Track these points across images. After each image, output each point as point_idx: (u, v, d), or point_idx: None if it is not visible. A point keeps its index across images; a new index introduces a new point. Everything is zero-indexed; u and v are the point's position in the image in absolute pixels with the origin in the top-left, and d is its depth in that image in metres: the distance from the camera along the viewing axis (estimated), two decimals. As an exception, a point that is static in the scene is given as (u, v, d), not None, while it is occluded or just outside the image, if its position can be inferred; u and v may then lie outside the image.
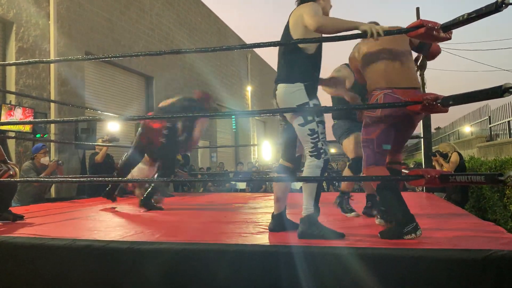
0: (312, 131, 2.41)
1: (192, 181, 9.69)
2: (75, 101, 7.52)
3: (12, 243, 2.30)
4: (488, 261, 1.71)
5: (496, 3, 1.89)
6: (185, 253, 2.05)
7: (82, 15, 8.06)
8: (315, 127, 2.42)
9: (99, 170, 5.93)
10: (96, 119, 5.71)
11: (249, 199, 5.00)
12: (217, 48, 2.76)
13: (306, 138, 2.43)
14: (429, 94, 2.16)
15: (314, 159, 2.42)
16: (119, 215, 3.66)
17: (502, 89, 1.89)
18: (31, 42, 6.85)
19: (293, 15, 2.50)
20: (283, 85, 2.50)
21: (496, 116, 11.83)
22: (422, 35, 2.15)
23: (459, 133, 16.49)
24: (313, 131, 2.41)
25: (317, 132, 2.42)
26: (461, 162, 5.76)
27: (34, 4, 6.94)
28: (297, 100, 2.43)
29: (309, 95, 2.43)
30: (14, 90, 6.34)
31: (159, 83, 10.96)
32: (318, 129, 2.43)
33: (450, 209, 3.60)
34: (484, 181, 1.98)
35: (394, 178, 2.38)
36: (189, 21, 13.09)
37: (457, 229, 2.52)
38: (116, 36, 9.09)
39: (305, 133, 2.43)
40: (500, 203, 5.07)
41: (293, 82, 2.45)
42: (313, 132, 2.41)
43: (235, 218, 3.34)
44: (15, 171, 3.14)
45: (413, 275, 1.79)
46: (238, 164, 12.26)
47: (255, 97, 19.07)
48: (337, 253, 1.90)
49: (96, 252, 2.15)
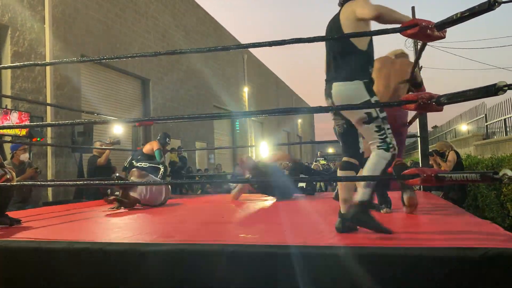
0: (378, 127, 2.41)
1: (190, 183, 9.68)
2: (71, 104, 7.52)
3: (9, 247, 2.30)
4: (485, 259, 1.71)
5: (489, 2, 1.90)
6: (183, 254, 2.05)
7: (77, 18, 8.05)
8: (381, 123, 2.41)
9: (99, 174, 5.92)
10: (93, 122, 5.69)
11: (247, 200, 5.00)
12: (213, 48, 2.75)
13: (373, 135, 2.42)
14: (424, 93, 2.17)
15: (382, 151, 2.40)
16: (116, 217, 3.66)
17: (496, 88, 1.90)
18: (26, 46, 6.84)
19: (343, 13, 2.48)
20: (341, 84, 2.45)
21: (492, 114, 11.89)
22: (416, 34, 2.16)
23: (455, 131, 16.55)
24: (379, 128, 2.41)
25: (384, 128, 2.42)
26: (458, 161, 5.78)
27: (29, 8, 6.93)
28: (359, 98, 2.39)
29: (369, 92, 2.41)
30: (10, 94, 6.33)
31: (156, 86, 10.96)
32: (384, 126, 2.42)
33: (446, 208, 3.61)
34: (480, 179, 1.98)
35: (391, 178, 2.38)
36: (185, 23, 13.09)
37: (454, 227, 2.53)
38: (112, 39, 9.09)
39: (372, 130, 2.42)
40: (496, 201, 5.09)
41: (352, 80, 2.41)
42: (380, 128, 2.41)
43: (232, 219, 3.34)
44: (12, 175, 3.14)
45: (410, 274, 1.80)
46: (235, 165, 12.26)
47: (252, 98, 19.09)
48: (335, 253, 1.90)
49: (94, 255, 2.14)
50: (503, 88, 1.89)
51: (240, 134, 17.32)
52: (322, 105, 2.56)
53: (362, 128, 2.45)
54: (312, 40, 2.44)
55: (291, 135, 26.80)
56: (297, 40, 2.44)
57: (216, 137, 15.19)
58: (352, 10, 2.41)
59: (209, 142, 14.09)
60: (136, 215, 3.77)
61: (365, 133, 2.48)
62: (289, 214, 3.60)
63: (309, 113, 17.69)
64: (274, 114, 2.71)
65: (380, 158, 2.39)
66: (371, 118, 2.40)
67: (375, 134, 2.41)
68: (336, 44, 2.53)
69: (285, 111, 2.79)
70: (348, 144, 2.64)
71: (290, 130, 26.56)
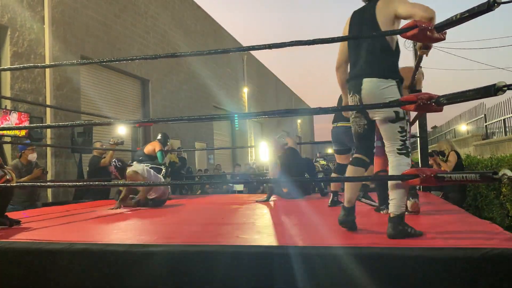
0: (402, 128, 2.38)
1: (190, 183, 9.68)
2: (70, 105, 7.51)
3: (9, 248, 2.29)
4: (485, 259, 1.71)
5: (488, 3, 1.91)
6: (183, 255, 2.05)
7: (77, 19, 8.05)
8: (405, 125, 2.39)
9: (99, 175, 5.92)
10: (93, 124, 5.69)
11: (246, 201, 5.00)
12: (213, 51, 2.76)
13: (396, 135, 2.38)
14: (423, 94, 2.17)
15: (404, 156, 2.37)
16: (116, 218, 3.66)
17: (495, 88, 1.90)
18: (26, 47, 6.84)
19: (381, 10, 2.41)
20: (373, 80, 2.39)
21: (491, 115, 11.90)
22: (416, 35, 2.16)
23: (455, 131, 16.56)
24: (403, 129, 2.38)
25: (406, 130, 2.39)
26: (458, 161, 5.78)
27: (28, 9, 6.93)
28: (390, 96, 2.34)
29: (400, 92, 2.38)
30: (9, 95, 6.33)
31: (155, 86, 10.95)
32: (407, 128, 2.39)
33: (446, 208, 3.61)
34: (479, 179, 1.99)
35: (390, 178, 2.39)
36: (185, 24, 13.09)
37: (454, 227, 2.54)
38: (112, 39, 9.09)
39: (395, 130, 2.38)
40: (496, 201, 5.09)
41: (386, 77, 2.37)
42: (403, 130, 2.38)
43: (232, 220, 3.34)
44: (11, 176, 3.13)
45: (410, 274, 1.80)
46: (235, 166, 12.26)
47: (252, 98, 19.09)
48: (335, 253, 1.90)
49: (93, 256, 2.14)
50: (503, 88, 1.90)
51: (240, 134, 17.32)
52: (322, 106, 2.57)
53: (386, 126, 2.41)
54: (311, 43, 2.45)
55: (290, 136, 26.78)
56: (297, 42, 2.45)
57: (216, 137, 15.19)
58: (394, 9, 2.36)
59: (209, 143, 14.08)
60: (136, 216, 3.77)
61: (387, 132, 2.43)
62: (290, 214, 3.60)
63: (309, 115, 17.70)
64: (274, 116, 2.71)
65: (404, 166, 2.34)
66: (398, 117, 2.36)
67: (398, 134, 2.38)
68: (367, 41, 2.45)
69: (286, 113, 2.79)
70: (364, 145, 2.60)
71: (289, 130, 26.57)
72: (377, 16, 2.41)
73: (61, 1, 7.64)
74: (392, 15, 2.37)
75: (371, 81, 2.39)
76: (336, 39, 2.48)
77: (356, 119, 2.56)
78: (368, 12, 2.47)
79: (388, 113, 2.37)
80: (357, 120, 2.56)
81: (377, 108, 2.37)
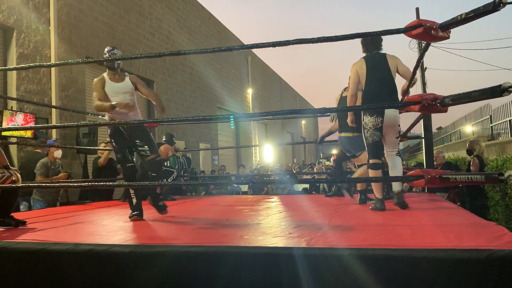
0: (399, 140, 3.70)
1: (194, 185, 9.68)
2: (76, 106, 7.55)
3: (14, 248, 2.31)
4: (490, 261, 1.70)
5: (494, 3, 1.90)
6: (187, 256, 2.05)
7: (82, 20, 8.09)
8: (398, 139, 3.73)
9: (102, 175, 5.94)
10: (98, 124, 5.71)
11: (251, 202, 5.00)
12: (216, 49, 2.76)
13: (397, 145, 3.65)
14: (428, 94, 2.16)
15: (399, 157, 3.63)
16: (120, 219, 3.66)
17: (501, 89, 1.89)
18: (31, 48, 6.88)
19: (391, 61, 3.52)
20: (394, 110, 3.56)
21: (497, 115, 11.81)
22: (421, 34, 2.16)
23: (460, 132, 16.47)
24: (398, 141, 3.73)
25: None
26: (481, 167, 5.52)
27: (34, 10, 6.97)
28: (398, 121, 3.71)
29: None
30: (15, 96, 6.37)
31: (160, 87, 10.98)
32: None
33: (451, 209, 3.59)
34: (484, 180, 1.98)
35: (396, 179, 2.38)
36: (189, 25, 13.12)
37: (459, 229, 2.52)
38: (116, 40, 9.12)
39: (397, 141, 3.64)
40: (502, 202, 5.05)
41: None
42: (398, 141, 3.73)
43: (237, 221, 3.34)
44: (17, 177, 3.15)
45: (414, 276, 1.79)
46: (240, 167, 12.25)
47: (256, 99, 19.10)
48: (338, 254, 1.89)
49: (98, 257, 2.15)
50: (508, 89, 1.88)
51: (244, 135, 17.32)
52: (326, 107, 2.56)
53: (393, 139, 3.61)
54: (316, 41, 2.45)
55: (295, 137, 26.73)
56: (300, 40, 2.45)
57: (220, 138, 15.19)
58: (396, 64, 3.52)
59: (213, 144, 14.09)
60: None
61: (393, 143, 3.63)
62: (292, 214, 3.59)
63: (313, 115, 17.75)
64: (278, 117, 2.72)
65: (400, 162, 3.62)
66: (399, 134, 3.68)
67: (397, 144, 3.67)
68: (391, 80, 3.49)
69: (290, 113, 2.79)
70: (380, 152, 3.57)
71: (294, 131, 26.54)
72: (390, 64, 3.49)
73: (67, 3, 7.69)
74: (395, 67, 3.51)
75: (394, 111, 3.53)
76: (341, 37, 2.48)
77: (377, 132, 3.45)
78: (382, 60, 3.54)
79: (398, 130, 3.63)
80: (377, 133, 3.46)
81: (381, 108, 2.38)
